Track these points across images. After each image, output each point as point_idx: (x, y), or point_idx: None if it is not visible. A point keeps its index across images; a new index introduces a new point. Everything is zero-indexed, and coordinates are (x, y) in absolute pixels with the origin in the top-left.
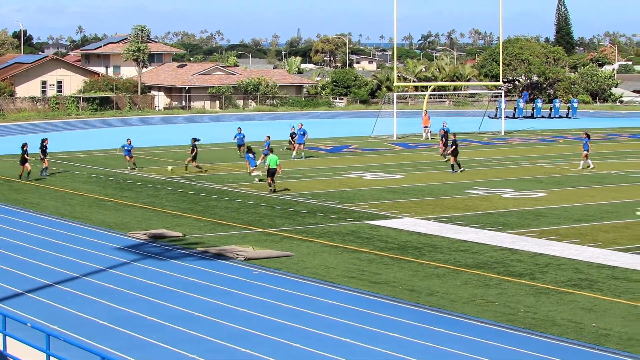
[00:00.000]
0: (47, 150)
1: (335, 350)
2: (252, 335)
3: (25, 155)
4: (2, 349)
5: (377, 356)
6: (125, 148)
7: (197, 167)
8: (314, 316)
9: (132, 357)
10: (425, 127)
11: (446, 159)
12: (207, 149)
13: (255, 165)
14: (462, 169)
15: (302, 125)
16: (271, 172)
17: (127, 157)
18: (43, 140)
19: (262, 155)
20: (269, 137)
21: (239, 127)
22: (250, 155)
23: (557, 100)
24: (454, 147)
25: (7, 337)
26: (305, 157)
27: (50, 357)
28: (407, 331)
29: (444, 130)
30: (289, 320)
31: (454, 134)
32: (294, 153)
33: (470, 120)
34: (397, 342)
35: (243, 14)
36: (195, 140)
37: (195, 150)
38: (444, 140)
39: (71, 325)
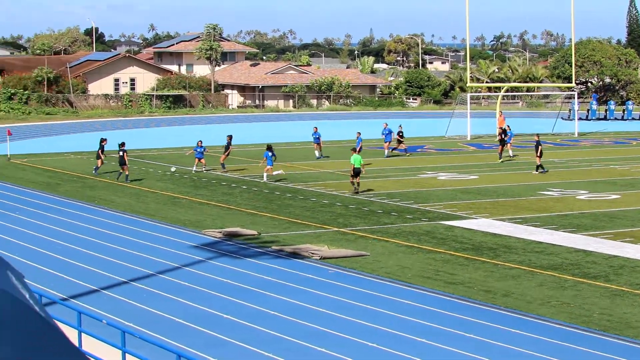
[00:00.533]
0: (104, 149)
1: (411, 350)
2: (328, 335)
3: (100, 152)
4: (77, 345)
5: (453, 356)
6: (198, 150)
7: (222, 165)
8: (389, 316)
9: (208, 355)
10: (501, 127)
11: (501, 160)
12: (282, 147)
13: (272, 165)
14: (545, 170)
15: (386, 125)
16: (356, 172)
17: (198, 159)
18: (102, 140)
19: (264, 158)
20: (359, 134)
21: (315, 127)
22: (269, 153)
23: (629, 102)
24: (539, 147)
25: (82, 334)
26: (388, 156)
27: (126, 354)
28: (482, 332)
29: (501, 129)
30: (365, 320)
31: (538, 135)
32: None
33: (544, 122)
34: (473, 342)
35: (316, 13)
36: (230, 137)
37: (229, 149)
38: (501, 138)
39: (146, 322)
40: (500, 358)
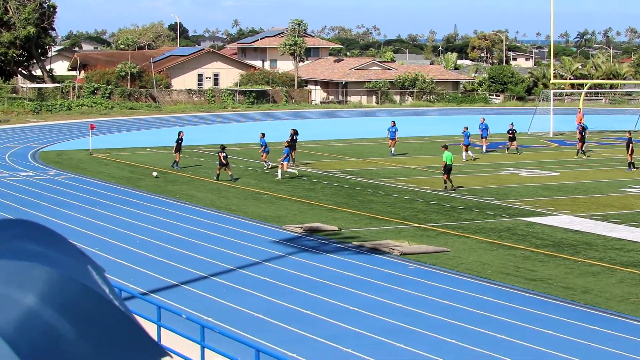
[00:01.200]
0: (182, 143)
1: (491, 347)
2: (408, 331)
3: (180, 143)
4: (157, 340)
5: (533, 353)
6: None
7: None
8: (469, 312)
9: (287, 351)
10: (579, 124)
11: (577, 155)
12: (364, 143)
13: (288, 161)
14: (637, 167)
15: (484, 119)
16: (447, 169)
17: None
18: (179, 133)
19: (264, 155)
20: (466, 128)
21: (393, 121)
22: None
23: None
24: (630, 145)
25: (162, 329)
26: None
27: (205, 348)
28: (562, 328)
29: (582, 126)
30: (445, 316)
31: (630, 132)
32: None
33: (627, 119)
34: (552, 339)
35: (400, 9)
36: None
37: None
38: (581, 136)
39: (226, 317)
40: (579, 355)
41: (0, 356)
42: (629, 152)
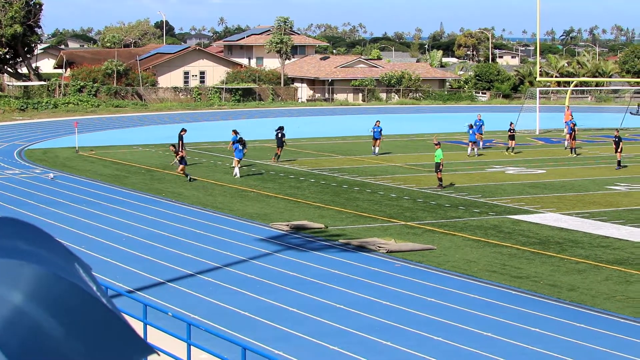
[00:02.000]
0: (183, 141)
1: (477, 344)
2: (394, 328)
3: (180, 143)
4: (143, 337)
5: (518, 350)
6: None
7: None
8: (455, 310)
9: (274, 348)
10: (567, 122)
11: (576, 154)
12: (350, 141)
13: (240, 159)
14: (625, 166)
15: (480, 116)
16: (437, 166)
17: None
18: (181, 130)
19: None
20: (477, 119)
21: (377, 121)
22: (240, 146)
23: None
24: (619, 143)
25: (148, 326)
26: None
27: (191, 346)
28: (548, 326)
29: (573, 124)
30: (431, 314)
31: (617, 130)
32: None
33: (612, 117)
34: (538, 336)
35: (386, 7)
36: (281, 128)
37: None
38: (572, 134)
39: (212, 315)
40: (566, 352)
41: None
42: (618, 150)
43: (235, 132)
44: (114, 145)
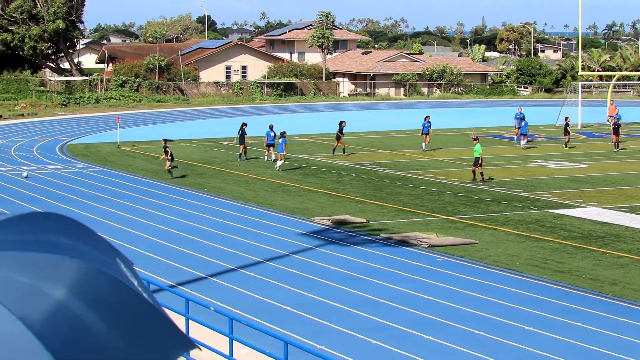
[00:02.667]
0: (245, 135)
1: (518, 338)
2: (436, 323)
3: (245, 135)
4: (185, 332)
5: (560, 345)
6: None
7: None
8: (497, 304)
9: (316, 343)
10: (611, 116)
11: (618, 149)
12: (392, 135)
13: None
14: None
15: (521, 109)
16: (475, 161)
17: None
18: (243, 125)
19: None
20: (518, 112)
21: (427, 116)
22: (281, 140)
23: None
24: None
25: (190, 321)
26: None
27: (233, 341)
28: (590, 320)
29: (616, 118)
30: (473, 308)
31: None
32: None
33: None
34: (580, 331)
35: (428, 2)
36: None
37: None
38: (615, 129)
39: (254, 310)
40: (608, 347)
41: (30, 349)
42: None
43: (271, 127)
44: (155, 140)
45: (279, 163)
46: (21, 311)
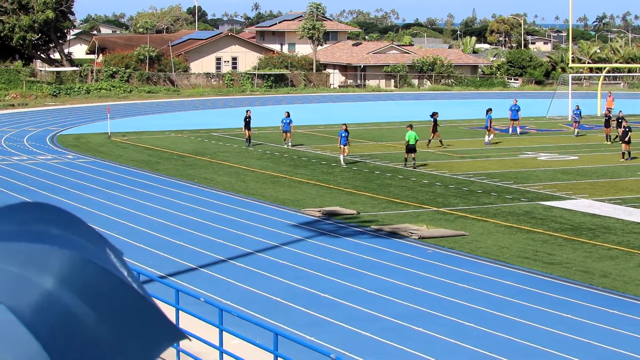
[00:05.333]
0: (250, 121)
1: (509, 330)
2: (426, 314)
3: (249, 122)
4: (175, 323)
5: (550, 336)
6: (285, 122)
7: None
8: (487, 296)
9: (306, 334)
10: (610, 109)
11: (610, 142)
12: (382, 127)
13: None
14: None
15: (516, 101)
16: (409, 148)
17: (285, 133)
18: (247, 112)
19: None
20: (513, 103)
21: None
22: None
23: None
24: (628, 134)
25: (180, 312)
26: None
27: (223, 332)
28: (580, 312)
29: (608, 110)
30: (463, 300)
31: (626, 120)
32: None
33: None
34: (571, 322)
35: None
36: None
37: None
38: (608, 120)
39: (244, 301)
40: (598, 338)
41: (19, 339)
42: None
43: (288, 113)
44: (146, 130)
45: (341, 157)
46: (11, 301)
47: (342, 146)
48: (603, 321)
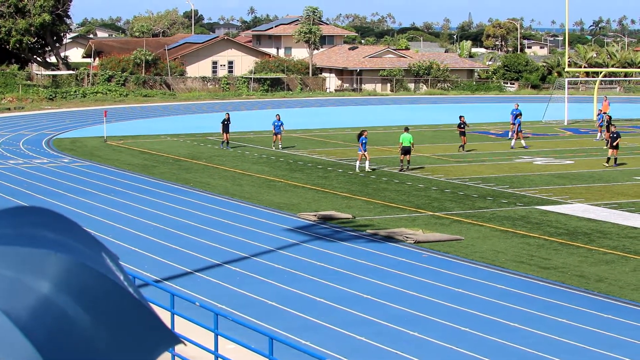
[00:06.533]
0: (229, 124)
1: (504, 335)
2: (421, 319)
3: (228, 124)
4: (170, 327)
5: (545, 341)
6: (276, 124)
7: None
8: (483, 300)
9: (301, 338)
10: (604, 113)
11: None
12: (379, 131)
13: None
14: (616, 164)
15: (518, 105)
16: (405, 150)
17: (276, 135)
18: (226, 115)
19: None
20: (515, 107)
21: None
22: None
23: None
24: (616, 139)
25: (175, 316)
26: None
27: (218, 336)
28: (575, 317)
29: (608, 116)
30: (458, 304)
31: (615, 126)
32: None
33: None
34: (566, 327)
35: None
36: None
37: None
38: (608, 125)
39: (240, 305)
40: (593, 343)
41: (15, 343)
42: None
43: (279, 116)
44: (142, 134)
45: (367, 163)
46: (6, 305)
47: (362, 152)
48: (598, 326)
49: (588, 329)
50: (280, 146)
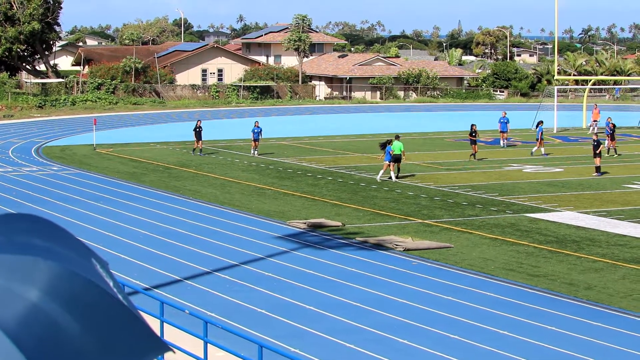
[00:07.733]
0: (201, 131)
1: (493, 343)
2: (411, 326)
3: (200, 132)
4: (160, 335)
5: (534, 348)
6: (255, 131)
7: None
8: (472, 308)
9: (290, 346)
10: (595, 121)
11: (611, 154)
12: (368, 139)
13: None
14: (600, 173)
15: (505, 113)
16: (395, 158)
17: (255, 142)
18: (197, 122)
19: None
20: (541, 123)
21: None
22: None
23: None
24: (599, 147)
25: (165, 324)
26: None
27: (208, 344)
28: (564, 324)
29: (612, 124)
30: (448, 312)
31: (597, 134)
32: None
33: (631, 115)
34: (555, 335)
35: (404, 5)
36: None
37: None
38: (611, 135)
39: (229, 312)
40: (581, 350)
41: (3, 351)
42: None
43: (257, 123)
44: (131, 142)
45: (384, 173)
46: None
47: (387, 162)
48: (587, 333)
49: (577, 336)
50: (256, 153)
